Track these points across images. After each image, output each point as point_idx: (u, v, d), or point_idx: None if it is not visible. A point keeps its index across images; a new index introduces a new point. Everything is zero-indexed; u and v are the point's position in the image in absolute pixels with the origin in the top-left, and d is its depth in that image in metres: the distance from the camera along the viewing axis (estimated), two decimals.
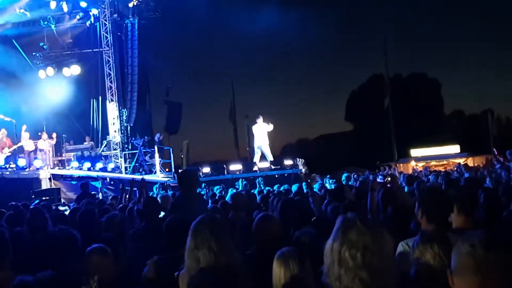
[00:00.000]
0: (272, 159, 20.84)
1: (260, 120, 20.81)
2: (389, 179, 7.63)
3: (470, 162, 32.69)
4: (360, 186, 9.20)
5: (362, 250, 2.13)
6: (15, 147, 18.27)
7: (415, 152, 41.21)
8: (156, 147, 22.83)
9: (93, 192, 13.56)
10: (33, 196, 13.89)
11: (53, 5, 22.36)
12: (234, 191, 13.93)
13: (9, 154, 18.06)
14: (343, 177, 13.30)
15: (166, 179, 20.93)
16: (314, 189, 9.37)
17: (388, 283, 2.16)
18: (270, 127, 20.70)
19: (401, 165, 35.12)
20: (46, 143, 19.42)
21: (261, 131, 20.76)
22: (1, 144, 18.14)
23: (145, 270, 3.23)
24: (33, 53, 24.15)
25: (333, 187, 11.52)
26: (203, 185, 13.46)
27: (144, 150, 22.95)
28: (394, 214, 4.91)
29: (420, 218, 3.59)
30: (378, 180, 7.81)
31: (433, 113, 51.76)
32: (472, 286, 2.02)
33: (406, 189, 8.82)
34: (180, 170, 18.59)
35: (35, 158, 18.46)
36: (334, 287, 2.19)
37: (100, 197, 13.31)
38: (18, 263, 4.15)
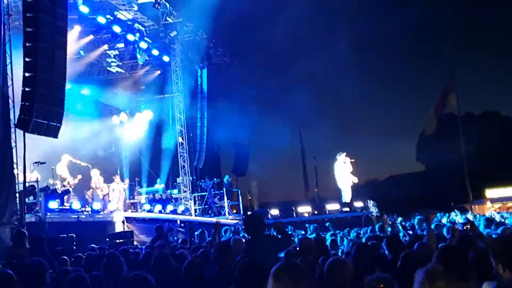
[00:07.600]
0: (348, 200, 20.34)
1: (341, 157, 20.37)
2: (469, 226, 7.53)
3: None
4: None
5: None
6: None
7: (490, 193, 39.57)
8: (224, 189, 23.03)
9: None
10: (107, 239, 14.22)
11: (127, 55, 23.33)
12: (303, 233, 13.83)
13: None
14: (416, 220, 12.81)
15: (235, 221, 20.98)
16: (388, 232, 9.18)
17: None
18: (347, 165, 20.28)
19: (476, 206, 33.76)
20: (119, 187, 19.97)
21: (342, 169, 20.34)
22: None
23: None
24: (107, 100, 25.17)
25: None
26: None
27: (213, 192, 23.19)
28: (476, 259, 4.77)
29: (496, 265, 3.52)
30: (458, 227, 7.62)
31: (508, 152, 49.86)
32: None
33: (484, 232, 8.49)
34: (248, 213, 18.55)
35: (109, 201, 18.98)
36: None
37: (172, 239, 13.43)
38: None
